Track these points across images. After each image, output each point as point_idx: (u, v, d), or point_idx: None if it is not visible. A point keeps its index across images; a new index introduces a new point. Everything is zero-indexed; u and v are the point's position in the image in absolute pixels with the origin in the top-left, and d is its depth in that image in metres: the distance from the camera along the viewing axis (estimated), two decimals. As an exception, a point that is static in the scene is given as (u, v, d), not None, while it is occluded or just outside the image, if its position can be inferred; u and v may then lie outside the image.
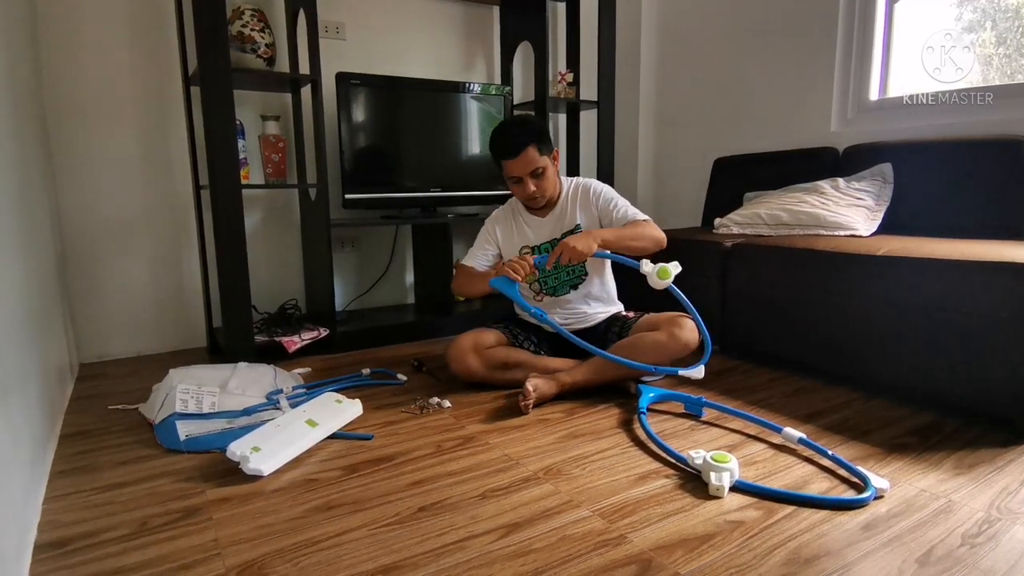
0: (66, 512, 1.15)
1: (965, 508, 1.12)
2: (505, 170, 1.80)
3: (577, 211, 1.87)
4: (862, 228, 1.99)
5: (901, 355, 1.62)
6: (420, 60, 2.71)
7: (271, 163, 2.25)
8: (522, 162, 1.75)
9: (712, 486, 1.17)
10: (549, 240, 1.88)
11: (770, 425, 1.47)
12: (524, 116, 1.97)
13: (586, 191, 1.88)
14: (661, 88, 3.16)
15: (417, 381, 1.91)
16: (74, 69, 2.06)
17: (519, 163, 1.75)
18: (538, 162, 1.76)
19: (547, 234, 1.89)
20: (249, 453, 1.27)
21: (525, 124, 1.81)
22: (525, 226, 1.91)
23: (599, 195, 1.87)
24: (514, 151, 1.75)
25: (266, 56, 2.10)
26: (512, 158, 1.76)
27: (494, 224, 1.96)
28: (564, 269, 1.88)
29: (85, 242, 2.14)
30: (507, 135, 1.79)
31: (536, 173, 1.77)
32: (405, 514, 1.13)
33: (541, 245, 1.89)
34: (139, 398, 1.74)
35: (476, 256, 1.94)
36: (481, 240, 1.96)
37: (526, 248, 1.90)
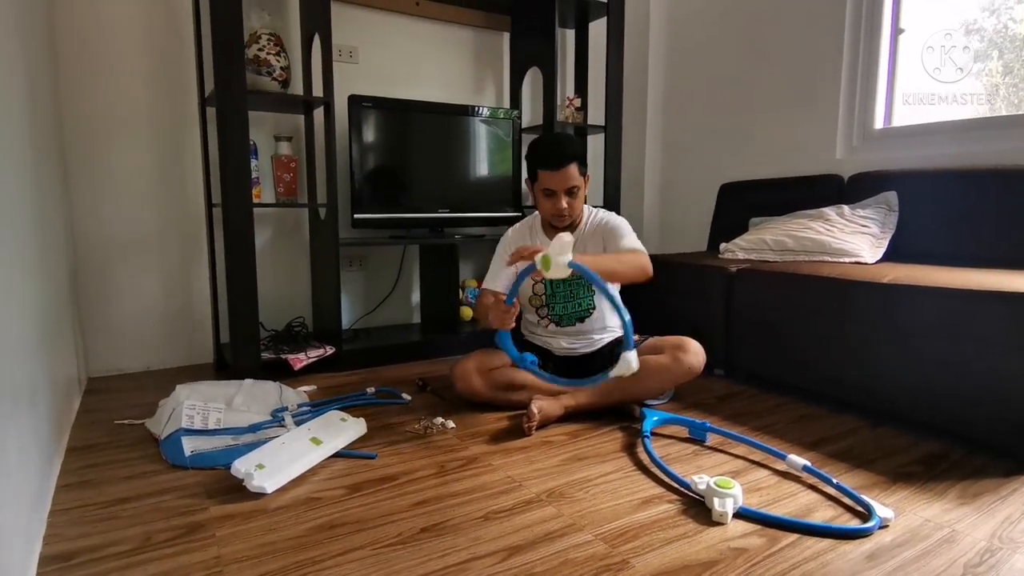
0: (71, 526, 1.16)
1: (968, 538, 1.11)
2: (540, 181, 1.77)
3: (592, 244, 1.84)
4: (867, 255, 2.00)
5: (906, 383, 1.62)
6: (431, 83, 2.76)
7: (282, 182, 2.29)
8: (562, 176, 1.73)
9: (715, 512, 1.17)
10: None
11: (774, 452, 1.46)
12: (568, 134, 1.93)
13: (605, 224, 1.85)
14: (668, 114, 3.20)
15: (421, 401, 1.92)
16: (93, 89, 2.11)
17: (559, 177, 1.73)
18: (576, 180, 1.76)
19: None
20: (253, 470, 1.28)
21: (572, 141, 1.82)
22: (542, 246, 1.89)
23: (615, 226, 1.84)
24: (558, 163, 1.73)
25: (281, 79, 2.15)
26: (554, 170, 1.73)
27: (511, 243, 1.93)
28: (571, 302, 1.86)
29: (97, 257, 2.18)
30: (555, 146, 1.76)
31: (572, 191, 1.76)
32: (407, 535, 1.13)
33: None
34: (146, 413, 1.75)
35: (496, 277, 1.89)
36: (499, 262, 1.91)
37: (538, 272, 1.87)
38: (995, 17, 2.13)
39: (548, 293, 1.89)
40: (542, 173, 1.76)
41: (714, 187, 2.83)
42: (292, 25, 2.38)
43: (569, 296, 1.87)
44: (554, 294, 1.88)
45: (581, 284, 1.86)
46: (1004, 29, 2.13)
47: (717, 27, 2.91)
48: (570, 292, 1.87)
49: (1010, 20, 2.11)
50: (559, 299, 1.88)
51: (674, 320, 2.03)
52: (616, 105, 2.82)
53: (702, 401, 1.90)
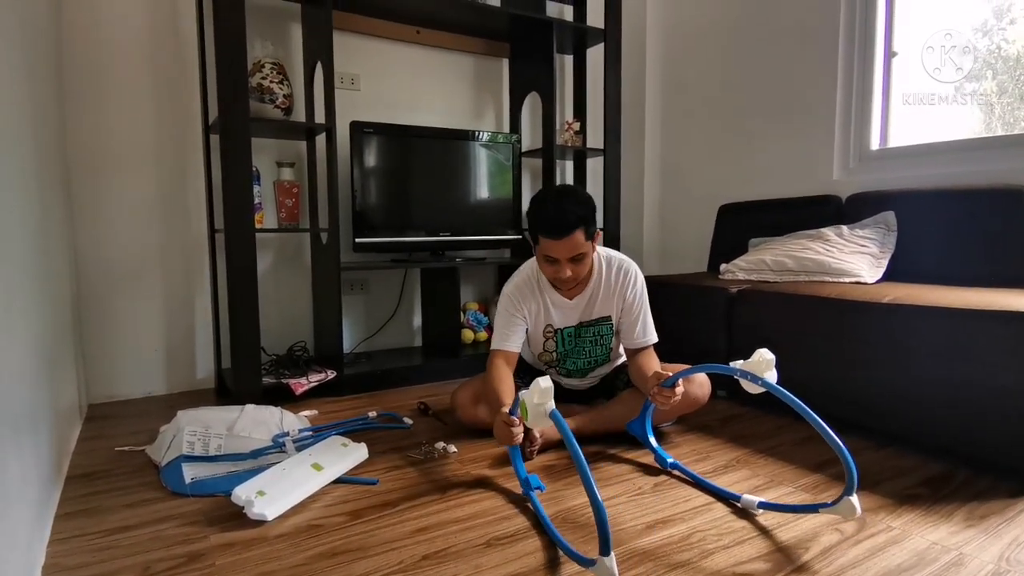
0: (70, 555, 1.15)
1: (976, 561, 1.10)
2: (541, 247, 1.58)
3: (607, 300, 1.72)
4: (867, 275, 2.01)
5: (908, 403, 1.61)
6: (431, 109, 2.80)
7: (285, 208, 2.31)
8: (566, 245, 1.53)
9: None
10: (575, 324, 1.75)
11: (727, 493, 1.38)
12: (576, 190, 1.63)
13: (622, 279, 1.71)
14: (666, 136, 3.24)
15: (423, 425, 1.91)
16: (97, 117, 2.14)
17: (563, 246, 1.53)
18: (581, 248, 1.55)
19: (574, 318, 1.75)
20: (254, 497, 1.27)
21: (578, 202, 1.55)
22: (551, 305, 1.73)
23: (633, 292, 1.71)
24: (559, 231, 1.52)
25: (284, 106, 2.18)
26: (556, 239, 1.53)
27: (519, 300, 1.72)
28: (583, 358, 1.80)
29: (100, 283, 2.19)
30: (558, 211, 1.52)
31: (576, 258, 1.58)
32: (409, 562, 1.12)
33: (565, 329, 1.76)
34: (147, 439, 1.75)
35: (507, 338, 1.70)
36: (507, 317, 1.71)
37: (549, 329, 1.76)
38: (988, 38, 2.16)
39: (560, 351, 1.80)
40: (543, 240, 1.56)
41: (713, 208, 2.85)
42: (295, 54, 2.42)
43: (581, 352, 1.80)
44: (566, 351, 1.80)
45: (594, 339, 1.78)
46: (997, 50, 2.16)
47: (713, 51, 2.95)
48: (583, 349, 1.79)
49: (1003, 41, 2.14)
50: (571, 356, 1.80)
51: (675, 341, 2.02)
52: (614, 128, 2.85)
53: (705, 423, 1.89)
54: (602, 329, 1.77)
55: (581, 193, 1.61)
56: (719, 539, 1.19)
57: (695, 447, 1.70)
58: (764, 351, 1.25)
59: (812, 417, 1.17)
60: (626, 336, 1.76)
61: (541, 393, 1.19)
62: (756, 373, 1.24)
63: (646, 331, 1.74)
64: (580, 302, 1.73)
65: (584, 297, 1.73)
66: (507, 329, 1.71)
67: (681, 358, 1.80)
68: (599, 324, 1.76)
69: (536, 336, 1.79)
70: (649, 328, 1.75)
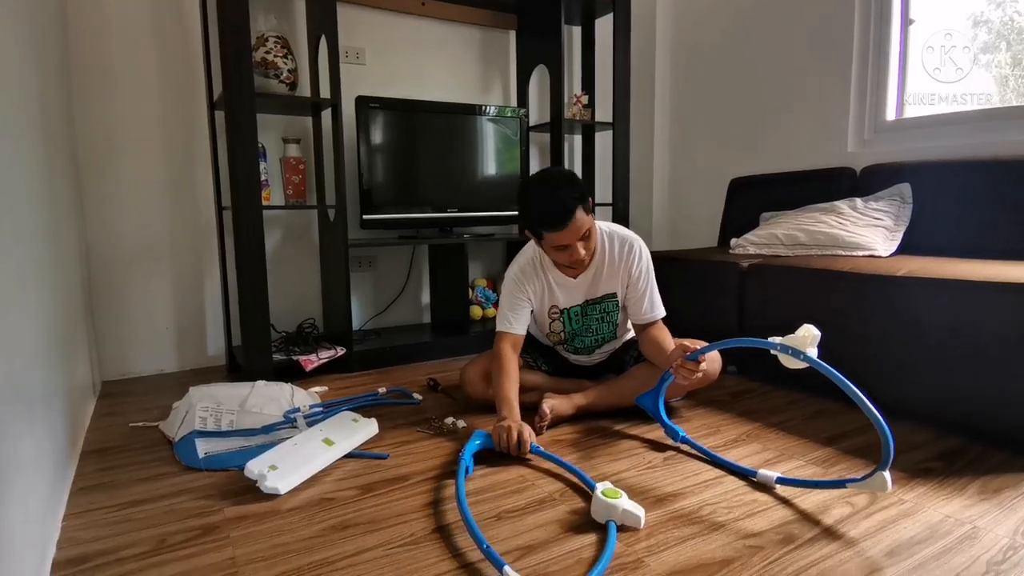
0: (86, 529, 1.16)
1: (990, 534, 1.09)
2: (548, 240, 1.55)
3: (612, 276, 1.70)
4: (881, 248, 1.98)
5: (923, 377, 1.60)
6: (437, 83, 2.76)
7: (291, 184, 2.29)
8: (572, 231, 1.51)
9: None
10: (581, 303, 1.74)
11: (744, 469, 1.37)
12: (556, 173, 1.60)
13: (626, 254, 1.69)
14: (676, 109, 3.18)
15: (432, 401, 1.92)
16: (103, 96, 2.13)
17: (569, 232, 1.51)
18: (587, 223, 1.53)
19: (579, 297, 1.73)
20: (266, 471, 1.28)
21: (568, 182, 1.53)
22: (555, 286, 1.72)
23: (639, 266, 1.69)
24: (563, 221, 1.49)
25: (288, 81, 2.15)
26: (561, 229, 1.50)
27: (523, 283, 1.71)
28: (590, 336, 1.78)
29: (110, 262, 2.19)
30: (550, 202, 1.50)
31: (584, 236, 1.55)
32: (420, 534, 1.12)
33: (571, 309, 1.75)
34: (160, 416, 1.77)
35: (512, 321, 1.69)
36: (512, 301, 1.71)
37: (555, 310, 1.76)
38: (1001, 9, 2.10)
39: (568, 331, 1.78)
40: (548, 234, 1.54)
41: (724, 183, 2.81)
42: (299, 27, 2.39)
43: (588, 331, 1.78)
44: (573, 330, 1.78)
45: (600, 316, 1.76)
46: (1010, 21, 2.11)
47: (725, 20, 2.88)
48: (589, 327, 1.78)
49: (1016, 13, 2.09)
50: (578, 334, 1.79)
51: (685, 317, 2.01)
52: (624, 102, 2.81)
53: (715, 398, 1.89)
54: (608, 306, 1.75)
55: (564, 173, 1.59)
56: (729, 512, 1.19)
57: (705, 421, 1.70)
58: (811, 327, 1.21)
59: (855, 393, 1.15)
60: (634, 312, 1.74)
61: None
62: (799, 348, 1.21)
63: (653, 306, 1.73)
64: (584, 280, 1.71)
65: (588, 275, 1.71)
66: (512, 312, 1.70)
67: (691, 334, 1.78)
68: (604, 301, 1.75)
69: (542, 317, 1.79)
70: (656, 302, 1.74)
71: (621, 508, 1.12)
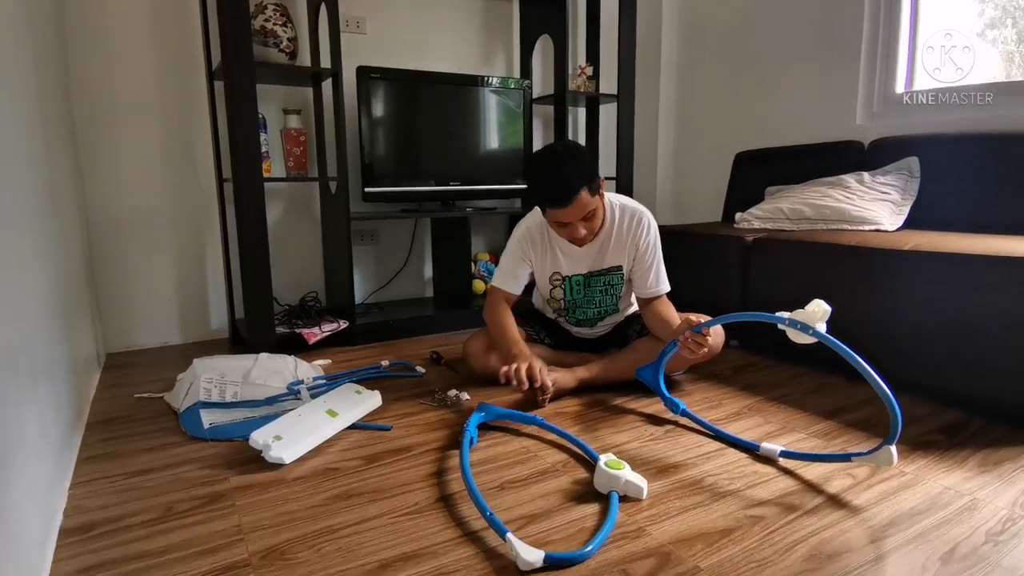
0: (92, 497, 1.18)
1: (989, 506, 1.10)
2: (550, 215, 1.57)
3: (619, 249, 1.70)
4: (887, 223, 1.96)
5: (926, 352, 1.60)
6: (439, 54, 2.71)
7: (292, 156, 2.27)
8: (574, 210, 1.51)
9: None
10: (585, 273, 1.74)
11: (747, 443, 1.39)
12: (567, 148, 1.56)
13: (634, 228, 1.68)
14: (682, 81, 3.13)
15: (436, 374, 1.92)
16: (100, 65, 2.09)
17: (570, 211, 1.51)
18: (590, 205, 1.52)
19: (583, 267, 1.73)
20: (271, 441, 1.29)
21: (575, 160, 1.50)
22: (560, 253, 1.72)
23: (646, 240, 1.68)
24: (565, 199, 1.49)
25: (288, 50, 2.12)
26: (562, 207, 1.50)
27: (528, 244, 1.72)
28: (592, 308, 1.78)
29: (111, 235, 2.18)
30: (554, 180, 1.49)
31: (587, 216, 1.55)
32: (424, 504, 1.13)
33: (573, 277, 1.75)
34: (164, 387, 1.77)
35: (510, 279, 1.73)
36: (513, 260, 1.73)
37: (556, 276, 1.76)
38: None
39: (568, 300, 1.78)
40: (550, 209, 1.55)
41: (729, 156, 2.78)
42: (298, -5, 2.34)
43: (591, 302, 1.78)
44: (574, 300, 1.78)
45: (604, 288, 1.76)
46: (1017, -3, 2.07)
47: (733, -10, 2.82)
48: (592, 299, 1.77)
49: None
50: (579, 305, 1.78)
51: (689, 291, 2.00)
52: (628, 73, 2.76)
53: (718, 372, 1.89)
54: (612, 279, 1.75)
55: (576, 150, 1.55)
56: (731, 483, 1.20)
57: (706, 395, 1.70)
58: (821, 302, 1.20)
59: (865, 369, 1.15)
60: (639, 285, 1.74)
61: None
62: (808, 323, 1.20)
63: (659, 280, 1.72)
64: (591, 250, 1.71)
65: (595, 246, 1.70)
66: (511, 270, 1.74)
67: (694, 308, 1.77)
68: (609, 274, 1.74)
69: (543, 282, 1.79)
70: (662, 277, 1.73)
71: (624, 479, 1.13)
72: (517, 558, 0.93)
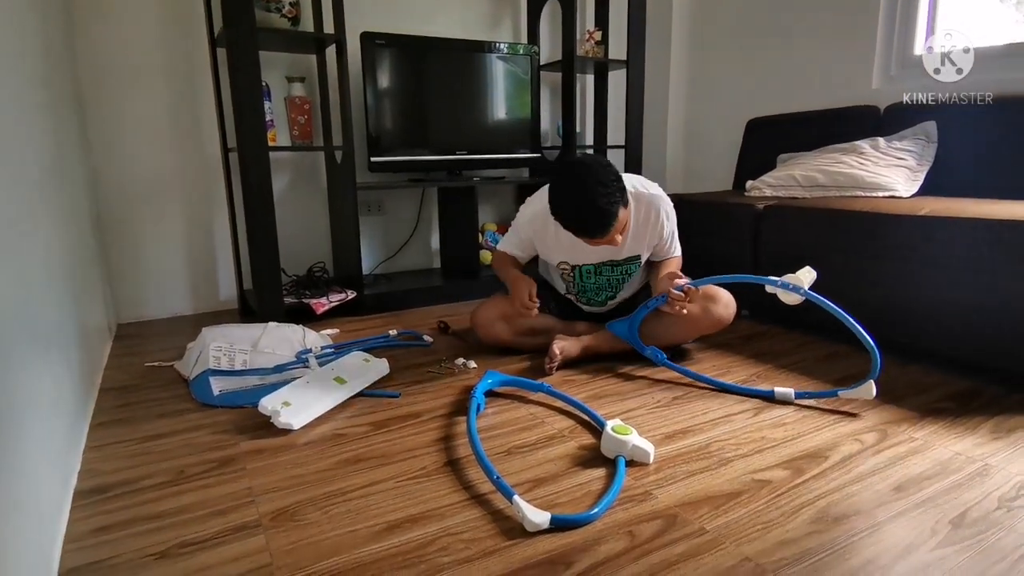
0: (106, 461, 1.19)
1: (1002, 472, 1.09)
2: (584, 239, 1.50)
3: (637, 240, 1.64)
4: (902, 189, 1.92)
5: (939, 319, 1.57)
6: (445, 19, 2.66)
7: (297, 125, 2.25)
8: (607, 240, 1.47)
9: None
10: (595, 263, 1.69)
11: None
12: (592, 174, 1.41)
13: (653, 219, 1.62)
14: (693, 46, 3.06)
15: (443, 342, 1.93)
16: (103, 33, 2.07)
17: (603, 241, 1.47)
18: (624, 220, 1.47)
19: (595, 257, 1.68)
20: (280, 408, 1.30)
21: (608, 186, 1.39)
22: (570, 245, 1.60)
23: (664, 230, 1.64)
24: (605, 230, 1.42)
25: (291, 15, 2.08)
26: (603, 236, 1.44)
27: (532, 231, 1.69)
28: (604, 292, 1.75)
29: (120, 205, 2.18)
30: (594, 214, 1.39)
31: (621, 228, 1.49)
32: (431, 468, 1.14)
33: (583, 267, 1.70)
34: (174, 356, 1.79)
35: (514, 247, 1.76)
36: (519, 239, 1.74)
37: (564, 264, 1.72)
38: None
39: (578, 283, 1.75)
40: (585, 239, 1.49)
41: (741, 123, 2.72)
42: (300, -41, 2.29)
43: (602, 287, 1.75)
44: (584, 285, 1.75)
45: (620, 277, 1.72)
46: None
47: (747, -50, 2.73)
48: (603, 283, 1.74)
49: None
50: (590, 291, 1.76)
51: (700, 260, 1.98)
52: (639, 38, 2.69)
53: (727, 341, 1.88)
54: (630, 268, 1.71)
55: (600, 173, 1.41)
56: (738, 448, 1.20)
57: (715, 363, 1.70)
58: (809, 268, 1.33)
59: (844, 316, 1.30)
60: (654, 256, 1.74)
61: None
62: (797, 283, 1.32)
63: (672, 249, 1.74)
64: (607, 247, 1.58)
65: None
66: (518, 243, 1.76)
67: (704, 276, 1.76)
68: (627, 264, 1.70)
69: (551, 264, 1.77)
70: (676, 246, 1.75)
71: (631, 444, 1.13)
72: (524, 519, 0.93)
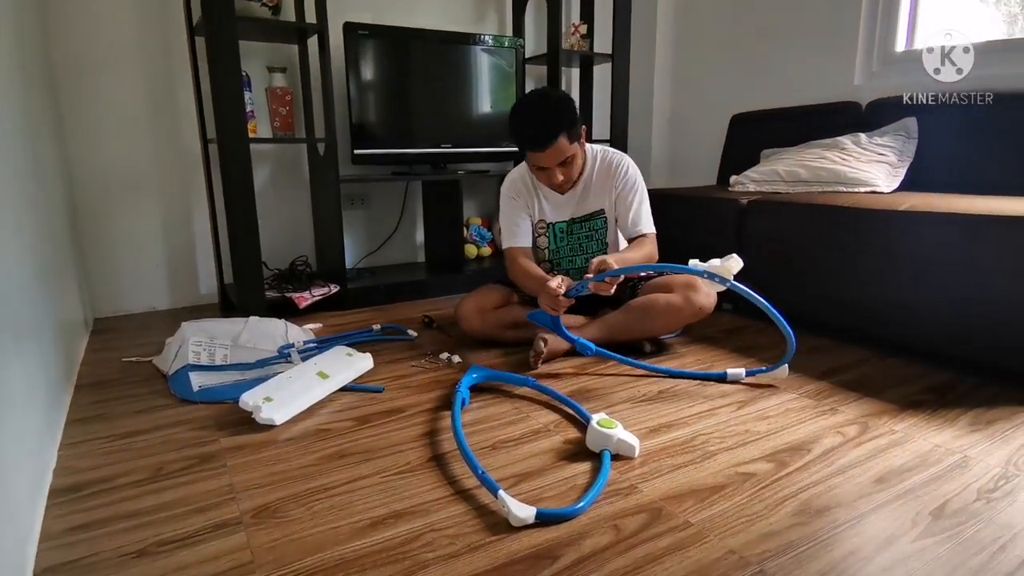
0: (82, 458, 1.17)
1: (981, 464, 1.11)
2: (529, 158, 1.64)
3: (600, 192, 1.75)
4: (883, 184, 1.94)
5: (918, 313, 1.59)
6: (429, 11, 2.63)
7: (278, 116, 2.22)
8: (552, 154, 1.57)
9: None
10: (567, 219, 1.79)
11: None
12: (551, 95, 1.62)
13: (613, 169, 1.73)
14: (678, 41, 3.06)
15: (427, 337, 1.91)
16: (79, 20, 2.01)
17: (548, 155, 1.57)
18: (568, 151, 1.58)
19: (566, 213, 1.78)
20: (261, 403, 1.28)
21: (557, 108, 1.56)
22: (544, 200, 1.78)
23: (625, 179, 1.72)
24: (543, 143, 1.55)
25: (271, 4, 2.04)
26: (540, 151, 1.57)
27: (514, 193, 1.79)
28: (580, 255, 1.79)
29: (95, 195, 2.13)
30: (535, 124, 1.56)
31: (565, 162, 1.61)
32: (416, 463, 1.13)
33: (557, 224, 1.79)
34: (153, 351, 1.76)
35: (516, 233, 1.77)
36: (510, 213, 1.78)
37: (542, 224, 1.80)
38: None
39: (552, 248, 1.79)
40: (529, 153, 1.61)
41: (725, 118, 2.73)
42: (281, -54, 2.25)
43: (576, 249, 1.79)
44: (558, 249, 1.79)
45: (588, 234, 1.77)
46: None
47: (732, -55, 2.73)
48: (577, 245, 1.79)
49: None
50: (564, 254, 1.79)
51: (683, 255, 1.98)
52: (624, 32, 2.69)
53: (709, 335, 1.89)
54: (596, 223, 1.78)
55: (558, 97, 1.61)
56: (722, 441, 1.21)
57: (698, 357, 1.70)
58: (736, 256, 1.36)
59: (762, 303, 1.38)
60: (622, 225, 1.76)
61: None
62: (724, 275, 1.34)
63: (639, 220, 1.73)
64: (572, 197, 1.76)
65: (576, 191, 1.76)
66: (514, 225, 1.77)
67: (688, 269, 1.77)
68: (593, 219, 1.77)
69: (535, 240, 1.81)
70: (643, 217, 1.74)
71: (616, 438, 1.13)
72: (509, 514, 0.93)
